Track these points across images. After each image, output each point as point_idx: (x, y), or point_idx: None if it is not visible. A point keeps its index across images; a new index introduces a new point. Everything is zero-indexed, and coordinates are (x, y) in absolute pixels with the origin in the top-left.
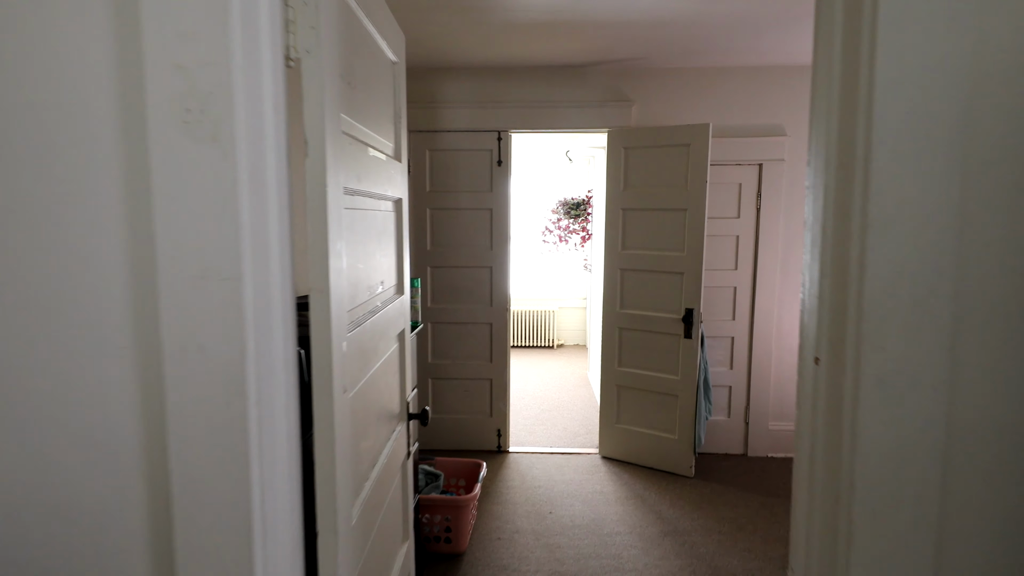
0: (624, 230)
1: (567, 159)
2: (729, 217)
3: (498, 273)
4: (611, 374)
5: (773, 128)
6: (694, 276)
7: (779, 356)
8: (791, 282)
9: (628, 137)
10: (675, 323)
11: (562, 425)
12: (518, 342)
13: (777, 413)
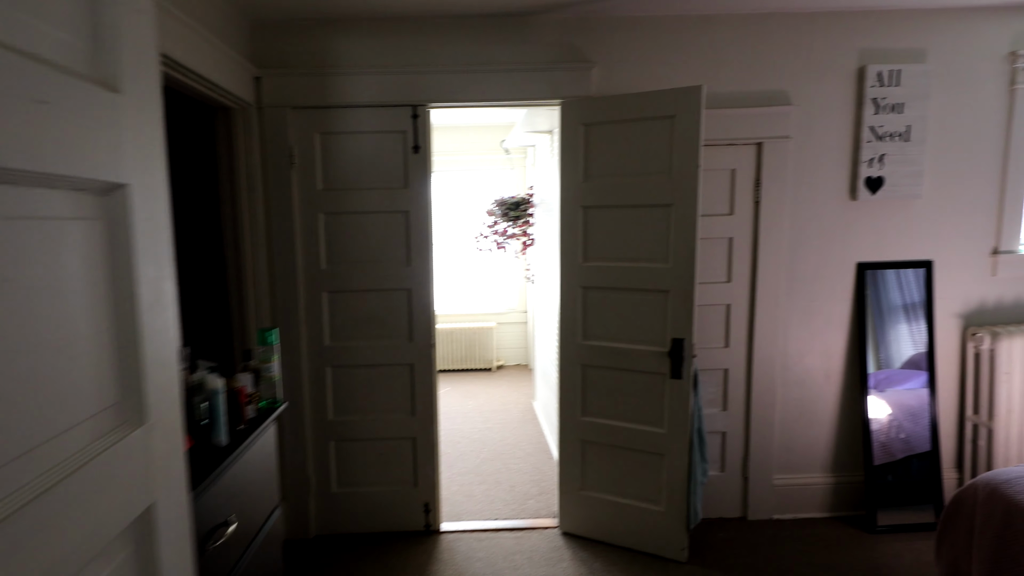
0: (586, 235)
1: (503, 150)
2: (720, 214)
3: (419, 296)
4: (573, 425)
5: (775, 96)
6: (683, 295)
7: (785, 392)
8: (799, 296)
9: (589, 109)
10: (659, 358)
11: (508, 482)
12: (450, 365)
13: (783, 464)
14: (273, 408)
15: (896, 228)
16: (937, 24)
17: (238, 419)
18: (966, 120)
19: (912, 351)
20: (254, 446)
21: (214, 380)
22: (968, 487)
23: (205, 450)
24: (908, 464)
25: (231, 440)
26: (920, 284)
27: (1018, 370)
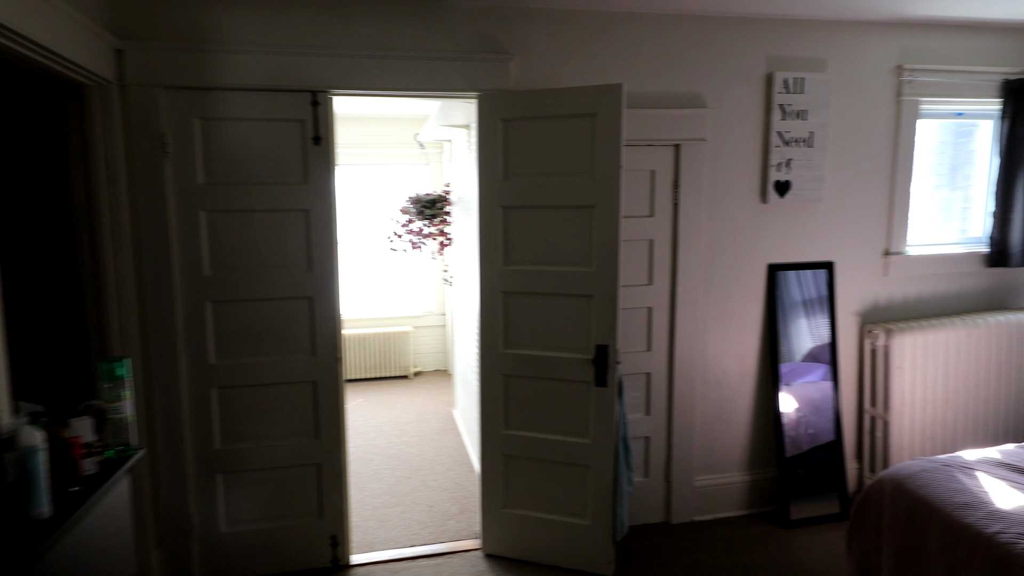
0: (507, 237)
1: (417, 145)
2: (641, 216)
3: (323, 305)
4: (495, 440)
5: (691, 98)
6: (607, 299)
7: (704, 393)
8: (716, 298)
9: (508, 104)
10: (583, 366)
11: (427, 501)
12: (363, 373)
13: (703, 465)
14: (126, 457)
15: (802, 230)
16: (835, 36)
17: (71, 478)
18: (861, 128)
19: (811, 344)
20: (94, 511)
21: (30, 433)
22: (875, 483)
23: (16, 527)
24: (813, 455)
25: (58, 509)
26: (823, 284)
27: (909, 365)
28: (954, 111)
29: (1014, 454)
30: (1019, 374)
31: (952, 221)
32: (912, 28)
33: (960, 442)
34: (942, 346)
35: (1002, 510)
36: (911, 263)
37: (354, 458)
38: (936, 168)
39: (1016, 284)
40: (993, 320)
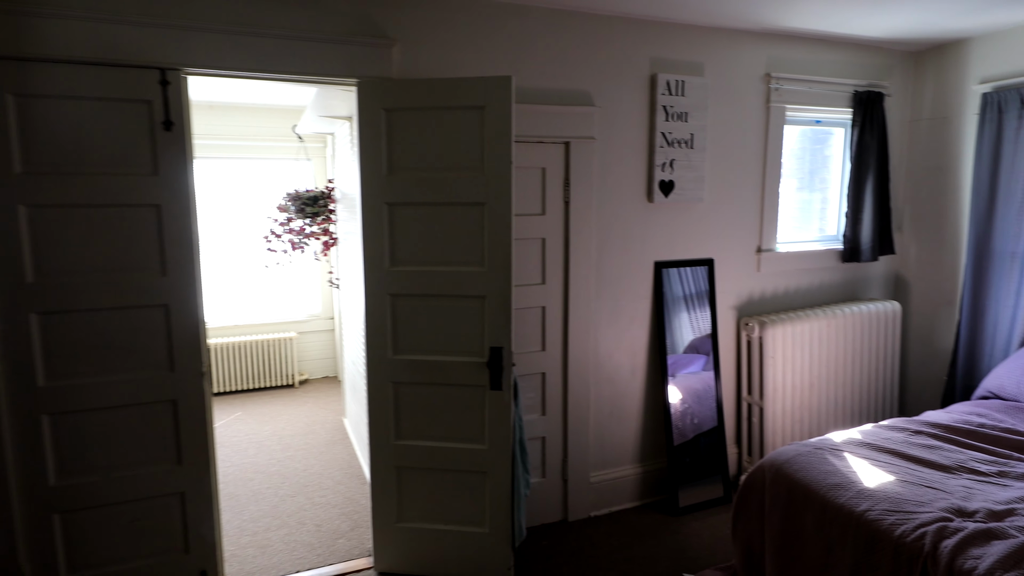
0: (393, 236)
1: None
2: (533, 213)
3: (182, 313)
4: (386, 452)
5: (580, 95)
6: (501, 300)
7: (598, 390)
8: (607, 295)
9: (391, 93)
10: (477, 369)
11: (314, 520)
12: (242, 384)
13: (599, 461)
14: None
15: (685, 229)
16: (711, 42)
17: None
18: (735, 131)
19: (692, 336)
20: None
21: None
22: (756, 469)
23: None
24: (698, 442)
25: None
26: (704, 280)
27: (780, 354)
28: (813, 118)
29: (873, 434)
30: (871, 358)
31: (812, 221)
32: (779, 39)
33: (825, 424)
34: (807, 336)
35: (869, 489)
36: (780, 259)
37: (230, 479)
38: (798, 171)
39: (866, 277)
40: (848, 310)
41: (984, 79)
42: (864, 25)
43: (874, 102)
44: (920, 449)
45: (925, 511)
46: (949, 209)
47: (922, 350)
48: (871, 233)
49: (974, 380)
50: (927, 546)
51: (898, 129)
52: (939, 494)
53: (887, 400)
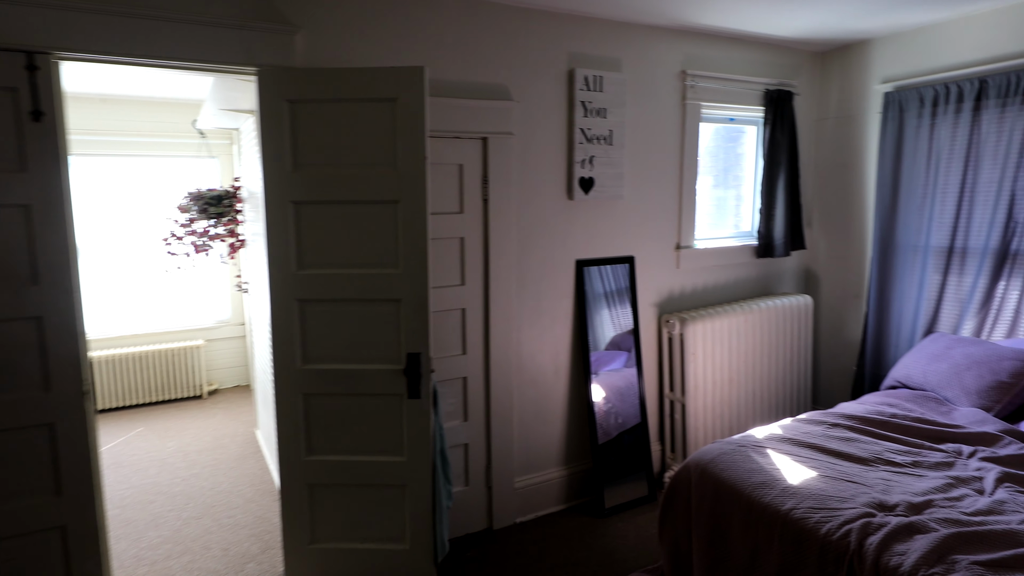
0: (300, 237)
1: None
2: (450, 212)
3: (58, 325)
4: (296, 469)
5: (497, 89)
6: (417, 303)
7: (521, 393)
8: (529, 295)
9: (294, 83)
10: (393, 378)
11: (221, 543)
12: (143, 398)
13: (524, 465)
14: None
15: (606, 226)
16: (628, 37)
17: None
18: (653, 128)
19: (614, 333)
20: None
21: None
22: (682, 469)
23: None
24: (622, 440)
25: None
26: (625, 277)
27: (700, 350)
28: (727, 116)
29: (793, 428)
30: (786, 352)
31: (728, 217)
32: (694, 36)
33: (745, 418)
34: (725, 331)
35: (793, 486)
36: (698, 256)
37: (128, 503)
38: (713, 168)
39: (780, 272)
40: (764, 305)
41: (886, 79)
42: (774, 24)
43: (784, 101)
44: (838, 442)
45: (848, 507)
46: (855, 205)
47: (833, 342)
48: (783, 229)
49: (882, 370)
50: (852, 544)
51: (807, 127)
52: (860, 488)
53: (802, 392)
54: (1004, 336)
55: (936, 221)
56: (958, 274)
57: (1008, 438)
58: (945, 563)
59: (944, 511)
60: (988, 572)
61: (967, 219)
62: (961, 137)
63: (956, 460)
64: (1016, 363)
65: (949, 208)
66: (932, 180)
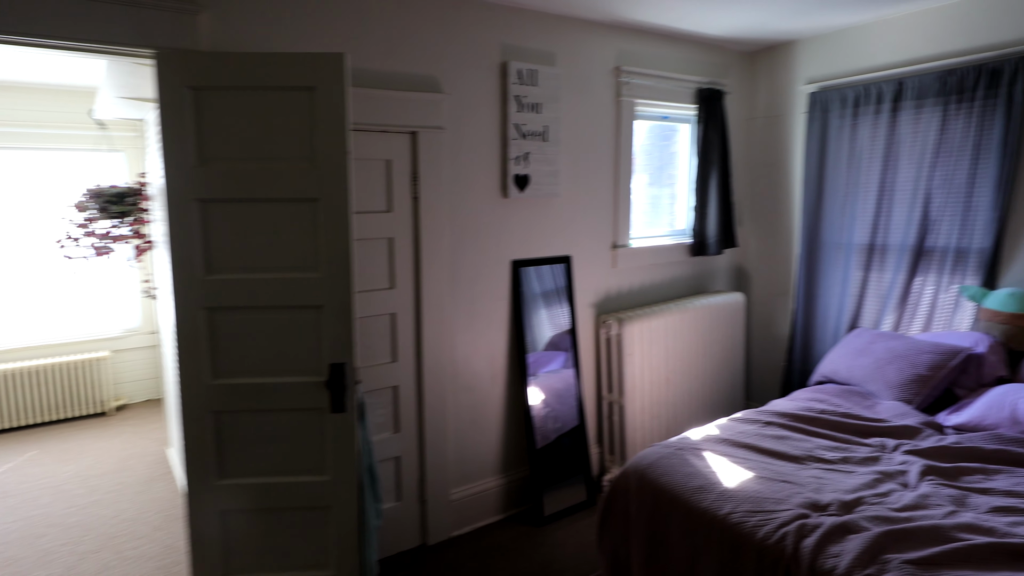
0: (208, 238)
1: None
2: (377, 211)
3: None
4: (207, 496)
5: (426, 81)
6: (341, 309)
7: (456, 400)
8: (463, 298)
9: (199, 68)
10: (315, 390)
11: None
12: (39, 417)
13: (460, 476)
14: None
15: (542, 225)
16: (562, 31)
17: None
18: (588, 125)
19: (552, 333)
20: None
21: None
22: (620, 476)
23: None
24: (560, 443)
25: None
26: (562, 278)
27: (638, 350)
28: (661, 114)
29: (728, 428)
30: (720, 349)
31: (662, 216)
32: (628, 33)
33: (682, 417)
34: (662, 331)
35: (730, 489)
36: (634, 255)
37: (13, 539)
38: (647, 167)
39: (714, 270)
40: (699, 303)
41: (810, 80)
42: (704, 23)
43: (715, 99)
44: (772, 441)
45: (784, 508)
46: (783, 203)
47: (764, 339)
48: (716, 227)
49: (810, 365)
50: (789, 547)
51: (737, 126)
52: (794, 488)
53: (736, 389)
54: (921, 330)
55: (858, 219)
56: (879, 270)
57: (928, 430)
58: (877, 563)
59: (874, 508)
60: (918, 571)
61: (887, 217)
62: (880, 137)
63: (882, 454)
64: (933, 356)
65: (870, 206)
66: (854, 179)
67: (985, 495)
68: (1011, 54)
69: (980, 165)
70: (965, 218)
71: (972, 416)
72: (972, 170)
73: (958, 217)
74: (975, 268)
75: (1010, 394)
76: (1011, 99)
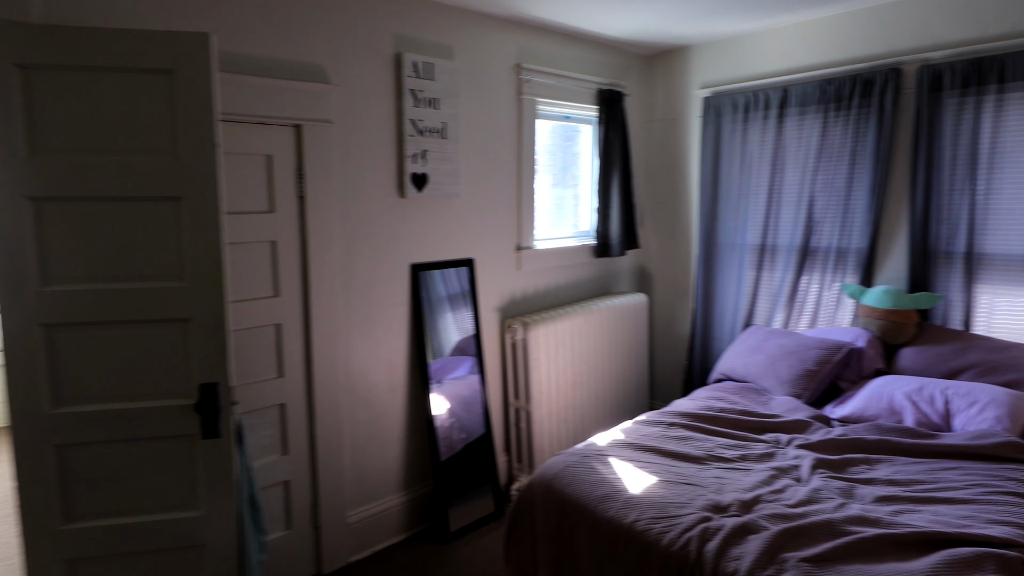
0: (43, 243)
1: None
2: (258, 211)
3: None
4: (49, 542)
5: (311, 70)
6: (212, 322)
7: (352, 415)
8: (358, 305)
9: (28, 42)
10: (182, 415)
11: None
12: None
13: (356, 497)
14: None
15: (442, 226)
16: (460, 24)
17: None
18: (490, 123)
19: (458, 337)
20: None
21: None
22: (526, 489)
23: None
24: (467, 453)
25: None
26: (466, 281)
27: (544, 355)
28: (563, 114)
29: (633, 431)
30: (625, 351)
31: (567, 217)
32: (528, 29)
33: (590, 421)
34: (567, 334)
35: (636, 496)
36: (539, 257)
37: None
38: (551, 167)
39: (617, 271)
40: (604, 305)
41: (704, 84)
42: (602, 23)
43: (615, 101)
44: (675, 442)
45: (687, 513)
46: (682, 205)
47: (666, 338)
48: (619, 228)
49: (709, 363)
50: (692, 553)
51: (638, 128)
52: (696, 490)
53: (641, 390)
54: (808, 326)
55: (750, 220)
56: (770, 270)
57: (816, 423)
58: (776, 563)
59: (771, 506)
60: (814, 568)
61: (776, 219)
62: (769, 142)
63: (776, 450)
64: (820, 351)
65: (761, 208)
66: (746, 182)
67: (869, 485)
68: (882, 66)
69: (857, 170)
70: (844, 220)
71: (855, 408)
72: (850, 174)
73: (839, 219)
74: (854, 267)
75: (887, 386)
76: (882, 108)
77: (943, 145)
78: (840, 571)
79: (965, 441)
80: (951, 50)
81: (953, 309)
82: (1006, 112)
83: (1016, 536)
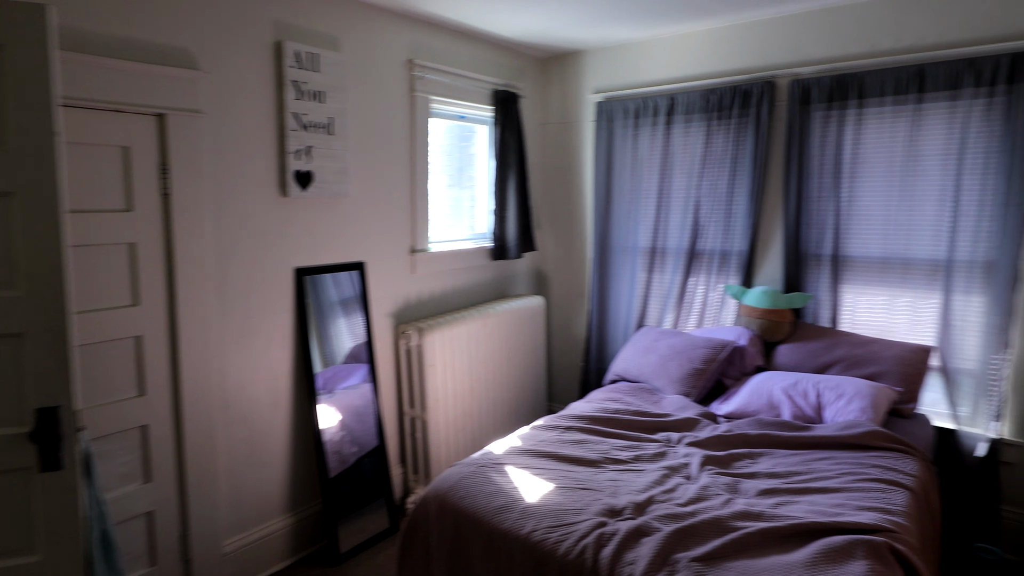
0: None
1: None
2: (112, 209)
3: None
4: None
5: (177, 54)
6: (51, 336)
7: (228, 435)
8: (235, 314)
9: None
10: (14, 445)
11: None
12: None
13: (235, 523)
14: None
15: (330, 228)
16: (347, 14)
17: None
18: (381, 119)
19: (351, 344)
20: None
21: None
22: (420, 505)
23: None
24: (360, 466)
25: None
26: (357, 285)
27: (440, 361)
28: (458, 113)
29: (531, 437)
30: (522, 355)
31: (463, 219)
32: (421, 25)
33: (486, 428)
34: (464, 339)
35: (532, 506)
36: (434, 260)
37: None
38: (447, 168)
39: (514, 274)
40: (501, 308)
41: (597, 89)
42: (495, 23)
43: (511, 102)
44: (572, 446)
45: (583, 519)
46: (577, 208)
47: (563, 340)
48: (516, 231)
49: (605, 364)
50: (588, 561)
51: (533, 130)
52: (592, 495)
53: (539, 394)
54: (695, 326)
55: (642, 224)
56: (660, 272)
57: (704, 420)
58: (668, 565)
59: (663, 506)
60: (704, 567)
61: (665, 222)
62: (658, 147)
63: (668, 449)
64: (706, 351)
65: (651, 212)
66: (637, 186)
67: (752, 479)
68: (758, 78)
69: (738, 176)
70: (727, 224)
71: (738, 404)
72: (731, 181)
73: (722, 223)
74: (736, 269)
75: (766, 382)
76: (759, 119)
77: (812, 154)
78: (728, 568)
79: (834, 432)
80: (818, 66)
81: (822, 308)
82: (865, 125)
83: (881, 521)
